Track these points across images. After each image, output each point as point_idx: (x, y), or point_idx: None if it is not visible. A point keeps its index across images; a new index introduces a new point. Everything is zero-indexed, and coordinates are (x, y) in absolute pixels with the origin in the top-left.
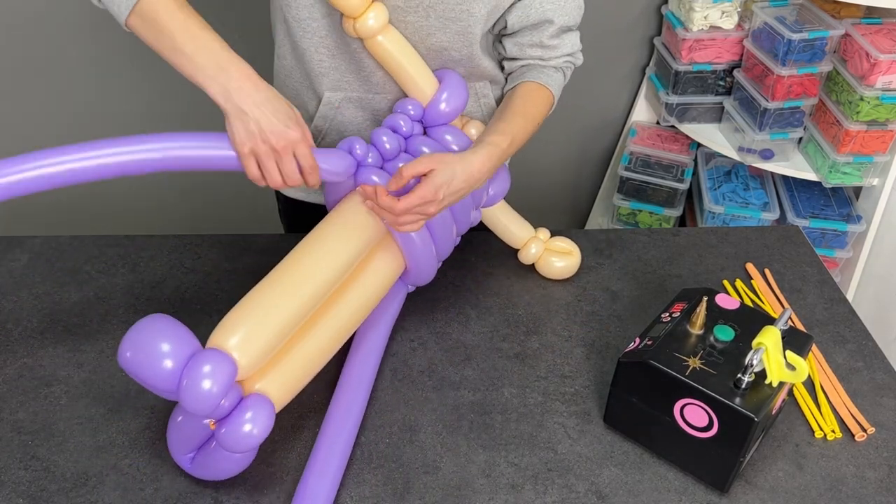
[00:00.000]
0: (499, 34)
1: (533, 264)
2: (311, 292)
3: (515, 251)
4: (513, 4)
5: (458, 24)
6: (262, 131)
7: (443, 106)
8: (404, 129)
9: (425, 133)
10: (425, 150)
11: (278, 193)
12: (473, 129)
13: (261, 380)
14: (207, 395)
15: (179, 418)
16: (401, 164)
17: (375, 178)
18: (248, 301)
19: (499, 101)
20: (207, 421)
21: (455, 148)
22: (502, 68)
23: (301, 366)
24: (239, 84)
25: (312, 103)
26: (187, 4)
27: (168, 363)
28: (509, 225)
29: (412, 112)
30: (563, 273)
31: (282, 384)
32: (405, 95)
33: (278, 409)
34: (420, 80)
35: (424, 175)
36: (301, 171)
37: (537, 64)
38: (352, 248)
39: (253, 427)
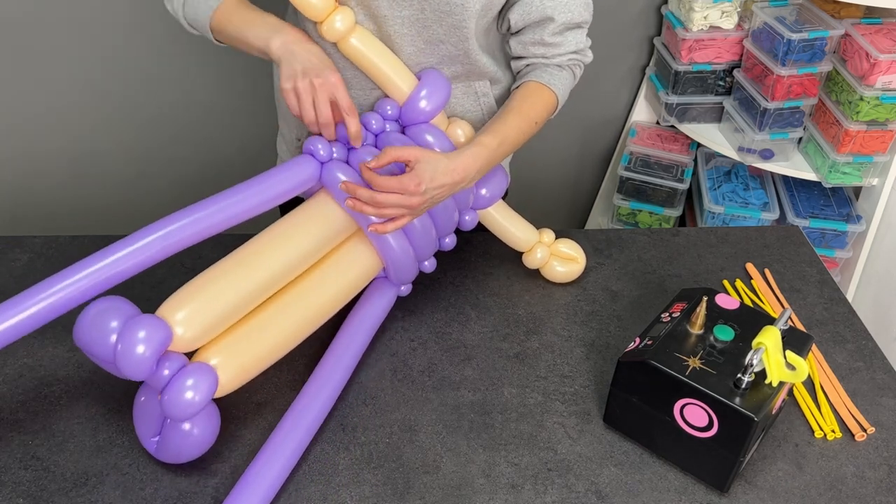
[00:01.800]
0: (506, 34)
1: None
2: (265, 276)
3: (516, 252)
4: (514, 3)
5: (453, 18)
6: (305, 70)
7: (422, 104)
8: (374, 126)
9: (403, 132)
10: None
11: None
12: (459, 130)
13: (213, 355)
14: (140, 359)
15: (142, 398)
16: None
17: (341, 176)
18: (202, 277)
19: (500, 100)
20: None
21: (436, 149)
22: (511, 69)
23: (259, 347)
24: (293, 37)
25: None
26: (245, 3)
27: (111, 334)
28: (511, 228)
29: (389, 112)
30: (568, 277)
31: (235, 361)
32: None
33: (232, 387)
34: (397, 79)
35: (407, 166)
36: (339, 109)
37: (540, 62)
38: (312, 239)
39: (194, 394)
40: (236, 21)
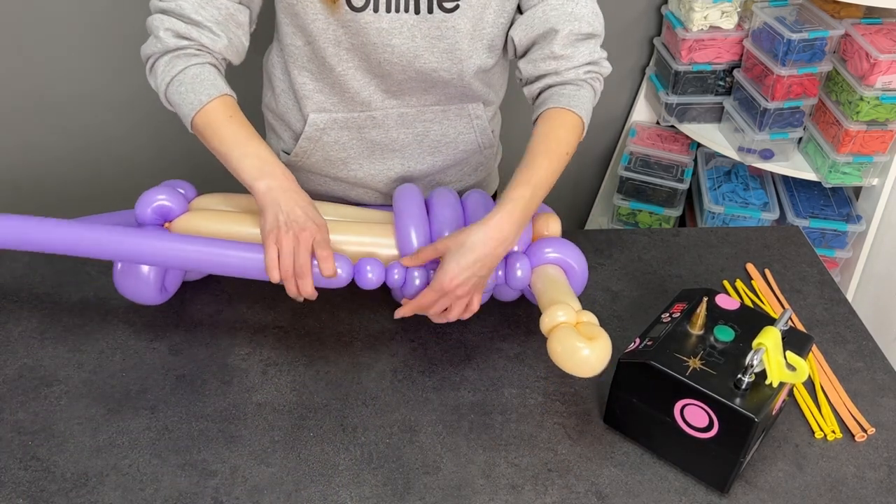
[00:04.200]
0: (514, 60)
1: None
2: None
3: None
4: (515, 21)
5: (445, 42)
6: (288, 222)
7: None
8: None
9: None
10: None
11: None
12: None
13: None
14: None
15: (118, 266)
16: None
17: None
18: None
19: (492, 121)
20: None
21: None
22: (502, 90)
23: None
24: (279, 183)
25: (299, 124)
26: (238, 113)
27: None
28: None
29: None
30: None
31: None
32: (388, 112)
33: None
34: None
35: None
36: (316, 258)
37: (555, 81)
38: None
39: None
40: (225, 137)
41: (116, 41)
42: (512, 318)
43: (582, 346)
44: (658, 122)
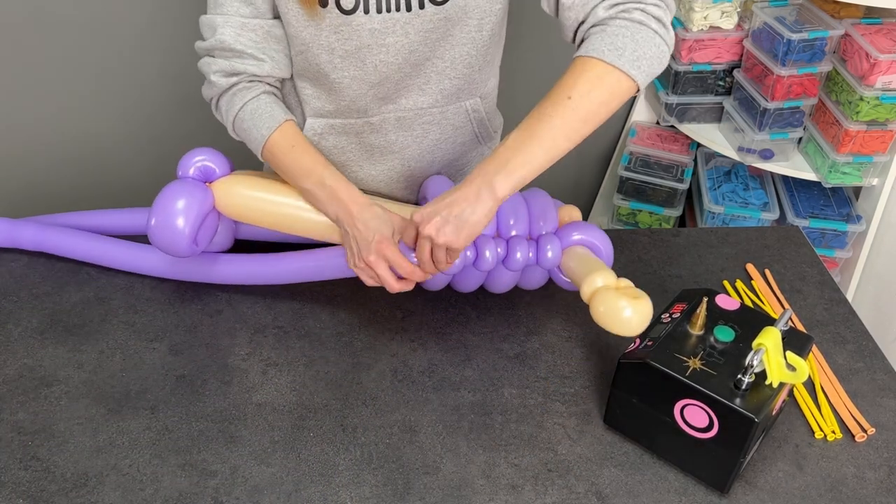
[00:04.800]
0: (556, 13)
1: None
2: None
3: None
4: None
5: (437, 33)
6: (359, 249)
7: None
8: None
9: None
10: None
11: None
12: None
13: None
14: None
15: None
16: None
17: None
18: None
19: (489, 112)
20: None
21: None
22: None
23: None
24: (344, 211)
25: (302, 126)
26: (299, 139)
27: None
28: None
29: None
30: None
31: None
32: (386, 117)
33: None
34: None
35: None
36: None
37: (600, 21)
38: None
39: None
40: (289, 169)
41: (115, 41)
42: (512, 319)
43: (625, 306)
44: (658, 122)
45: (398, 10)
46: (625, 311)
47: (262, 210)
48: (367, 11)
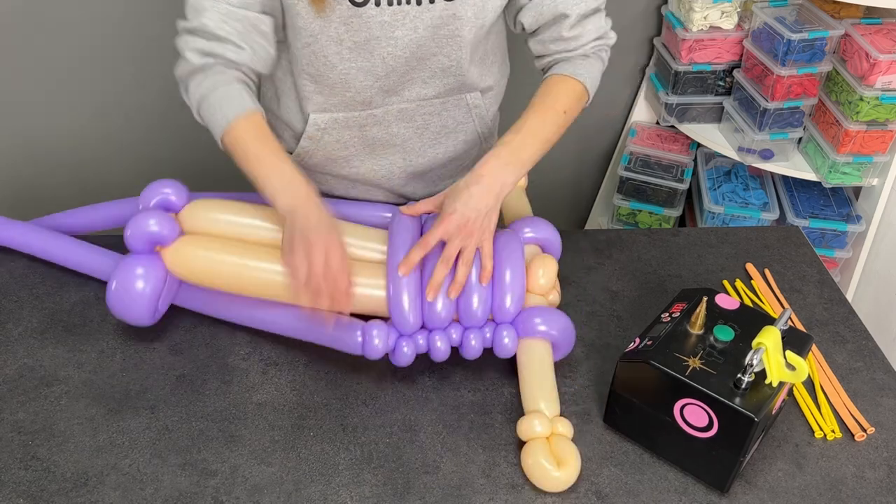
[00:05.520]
0: (523, 34)
1: None
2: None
3: None
4: (524, 5)
5: (446, 29)
6: (301, 236)
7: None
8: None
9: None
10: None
11: None
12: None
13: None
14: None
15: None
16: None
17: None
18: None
19: (491, 107)
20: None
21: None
22: (501, 73)
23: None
24: (303, 199)
25: (300, 124)
26: (264, 130)
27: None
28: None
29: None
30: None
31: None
32: (388, 108)
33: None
34: None
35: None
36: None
37: (564, 58)
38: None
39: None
40: (250, 156)
41: (116, 41)
42: None
43: (551, 469)
44: (658, 123)
45: (409, 2)
46: (552, 472)
47: (216, 272)
48: (377, 4)
